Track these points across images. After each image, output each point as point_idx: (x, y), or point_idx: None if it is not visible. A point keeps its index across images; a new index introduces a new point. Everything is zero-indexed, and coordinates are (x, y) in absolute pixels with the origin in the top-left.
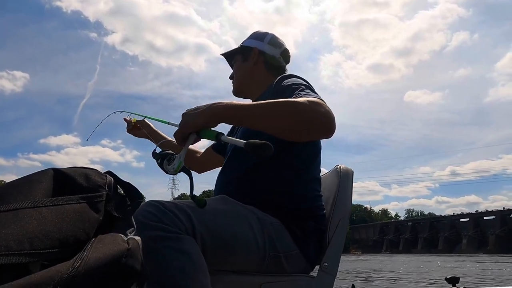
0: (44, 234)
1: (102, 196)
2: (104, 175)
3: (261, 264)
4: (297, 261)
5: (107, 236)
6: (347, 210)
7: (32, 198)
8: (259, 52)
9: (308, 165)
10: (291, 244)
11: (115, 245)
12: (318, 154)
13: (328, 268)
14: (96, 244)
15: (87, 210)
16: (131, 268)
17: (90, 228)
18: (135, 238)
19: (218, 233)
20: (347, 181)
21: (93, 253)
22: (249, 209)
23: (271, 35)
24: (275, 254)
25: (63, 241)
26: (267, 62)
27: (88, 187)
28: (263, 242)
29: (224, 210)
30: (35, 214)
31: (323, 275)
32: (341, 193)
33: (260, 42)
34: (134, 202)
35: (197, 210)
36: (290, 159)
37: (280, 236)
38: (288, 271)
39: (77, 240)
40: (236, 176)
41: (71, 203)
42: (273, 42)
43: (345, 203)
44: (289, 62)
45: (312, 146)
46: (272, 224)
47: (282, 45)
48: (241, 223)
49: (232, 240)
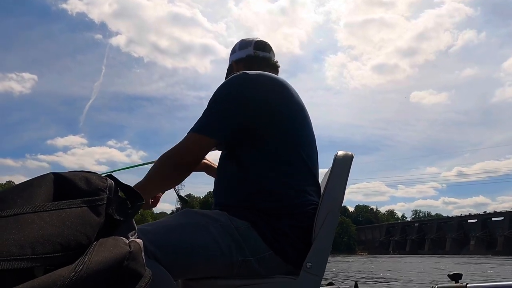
0: (46, 239)
1: (103, 200)
2: (105, 179)
3: (231, 270)
4: (274, 263)
5: (108, 240)
6: (336, 202)
7: (33, 202)
8: (235, 63)
9: (278, 162)
10: (262, 246)
11: (116, 248)
12: (296, 149)
13: (312, 268)
14: (97, 247)
15: (88, 214)
16: (133, 271)
17: (91, 231)
18: (136, 241)
19: (171, 248)
20: (343, 168)
21: (95, 257)
22: (213, 216)
23: (239, 43)
24: (244, 258)
25: (64, 245)
26: (245, 65)
27: (88, 191)
28: (228, 248)
29: (179, 225)
30: (36, 219)
31: (306, 276)
32: (332, 183)
33: (232, 55)
34: (135, 205)
35: (146, 231)
36: (251, 159)
37: (248, 240)
38: (264, 274)
39: (78, 244)
40: (215, 184)
41: (72, 207)
42: (242, 45)
43: (335, 194)
44: (271, 49)
45: (280, 143)
46: (238, 228)
47: (251, 41)
48: (199, 233)
49: (187, 252)
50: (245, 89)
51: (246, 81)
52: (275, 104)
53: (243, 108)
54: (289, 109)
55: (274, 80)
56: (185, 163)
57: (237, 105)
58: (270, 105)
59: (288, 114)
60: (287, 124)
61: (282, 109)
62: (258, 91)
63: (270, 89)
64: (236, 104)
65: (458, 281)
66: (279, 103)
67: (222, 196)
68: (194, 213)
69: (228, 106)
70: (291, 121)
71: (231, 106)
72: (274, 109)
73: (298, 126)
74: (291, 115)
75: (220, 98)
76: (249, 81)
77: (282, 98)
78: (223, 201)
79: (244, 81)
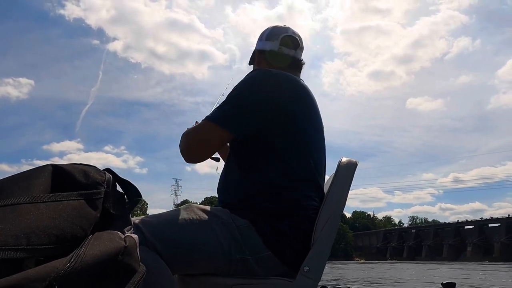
0: (42, 230)
1: (100, 193)
2: (103, 172)
3: (229, 268)
4: (271, 264)
5: (104, 233)
6: (339, 207)
7: (31, 193)
8: (259, 52)
9: (285, 166)
10: (261, 246)
11: (112, 242)
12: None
13: (309, 272)
14: (93, 241)
15: (85, 207)
16: (127, 265)
17: (87, 225)
18: (132, 236)
19: (172, 242)
20: (346, 174)
21: (90, 250)
22: (215, 213)
23: (269, 29)
24: (242, 257)
25: (60, 237)
26: (267, 58)
27: (86, 184)
28: (228, 245)
29: (182, 219)
30: (33, 210)
31: (302, 280)
32: (335, 188)
33: (259, 41)
34: (132, 200)
35: (149, 223)
36: (258, 160)
37: (247, 239)
38: (261, 274)
39: (74, 236)
40: (220, 180)
41: (69, 199)
42: (270, 35)
43: (338, 199)
44: (298, 46)
45: (289, 147)
46: (239, 227)
47: (279, 35)
48: (201, 229)
49: (189, 247)
50: (264, 89)
51: (266, 81)
52: (289, 108)
53: (261, 109)
54: (303, 114)
55: (292, 83)
56: (198, 156)
57: (258, 104)
58: (283, 108)
59: (300, 120)
60: (299, 129)
61: (295, 113)
62: (274, 93)
63: (286, 92)
64: (257, 103)
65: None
66: (292, 108)
67: (225, 193)
68: (197, 208)
69: (249, 103)
70: (302, 127)
71: (253, 104)
72: (287, 113)
73: (309, 132)
74: (303, 121)
75: (242, 93)
76: (269, 81)
77: (296, 102)
78: (226, 198)
79: (264, 81)
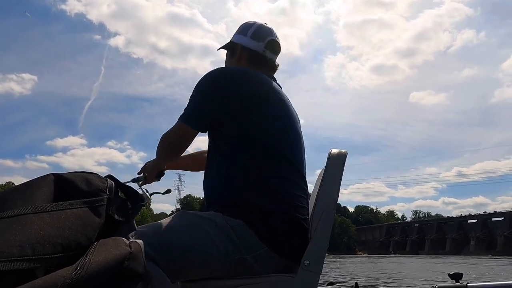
0: (46, 240)
1: (103, 200)
2: (105, 179)
3: (229, 270)
4: (270, 260)
5: (109, 240)
6: (332, 200)
7: (33, 203)
8: (242, 48)
9: (266, 159)
10: (257, 243)
11: (117, 248)
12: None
13: (310, 266)
14: (98, 248)
15: (89, 215)
16: (133, 271)
17: (92, 232)
18: (137, 242)
19: (167, 249)
20: (337, 165)
21: (96, 257)
22: (209, 217)
23: (255, 27)
24: (240, 257)
25: (65, 246)
26: (249, 57)
27: (89, 192)
28: (224, 247)
29: (175, 226)
30: (36, 220)
31: (304, 274)
32: (326, 181)
33: (243, 36)
34: (135, 206)
35: (140, 232)
36: (237, 155)
37: (243, 238)
38: (261, 272)
39: (79, 244)
40: (205, 183)
41: (72, 208)
42: (256, 35)
43: (329, 192)
44: (279, 52)
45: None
46: (234, 227)
47: (266, 37)
48: (195, 233)
49: (182, 252)
50: (232, 82)
51: (236, 76)
52: (256, 98)
53: (224, 101)
54: (271, 103)
55: (261, 78)
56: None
57: (219, 97)
58: (249, 99)
59: (268, 109)
60: (270, 118)
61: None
62: (244, 87)
63: (256, 86)
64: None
65: (458, 280)
66: (259, 97)
67: (213, 192)
68: (190, 214)
69: (211, 98)
70: (273, 116)
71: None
72: (253, 103)
73: (284, 125)
74: (272, 109)
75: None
76: (239, 75)
77: (263, 92)
78: (214, 198)
79: (234, 75)
